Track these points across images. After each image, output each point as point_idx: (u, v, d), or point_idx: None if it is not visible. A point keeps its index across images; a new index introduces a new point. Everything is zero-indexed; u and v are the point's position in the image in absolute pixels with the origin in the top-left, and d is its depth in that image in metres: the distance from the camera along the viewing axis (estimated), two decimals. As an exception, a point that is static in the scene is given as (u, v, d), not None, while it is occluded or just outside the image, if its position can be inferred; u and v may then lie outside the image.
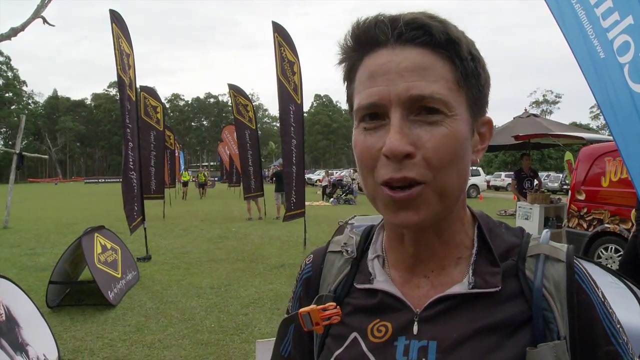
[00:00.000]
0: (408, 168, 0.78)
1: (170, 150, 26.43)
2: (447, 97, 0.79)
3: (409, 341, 0.86)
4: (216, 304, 7.29)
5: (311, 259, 1.08)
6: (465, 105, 0.83)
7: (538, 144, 14.59)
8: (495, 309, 0.84)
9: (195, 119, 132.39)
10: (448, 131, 0.79)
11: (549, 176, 39.69)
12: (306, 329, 0.90)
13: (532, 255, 0.88)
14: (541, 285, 0.84)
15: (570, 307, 0.81)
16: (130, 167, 9.55)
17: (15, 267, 9.67)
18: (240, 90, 17.05)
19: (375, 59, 0.82)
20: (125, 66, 9.49)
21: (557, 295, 0.83)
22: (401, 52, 0.80)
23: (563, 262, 0.86)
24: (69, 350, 5.44)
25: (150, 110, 16.51)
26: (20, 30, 18.36)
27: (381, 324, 0.89)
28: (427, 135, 0.78)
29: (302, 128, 11.11)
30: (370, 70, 0.82)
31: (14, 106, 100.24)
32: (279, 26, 10.90)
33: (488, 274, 0.86)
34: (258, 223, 17.58)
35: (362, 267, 0.98)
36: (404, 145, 0.77)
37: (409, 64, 0.79)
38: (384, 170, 0.80)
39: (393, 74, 0.80)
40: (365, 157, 0.82)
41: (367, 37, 0.83)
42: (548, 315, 0.82)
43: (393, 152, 0.77)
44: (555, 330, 0.81)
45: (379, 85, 0.80)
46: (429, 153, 0.78)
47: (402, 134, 0.77)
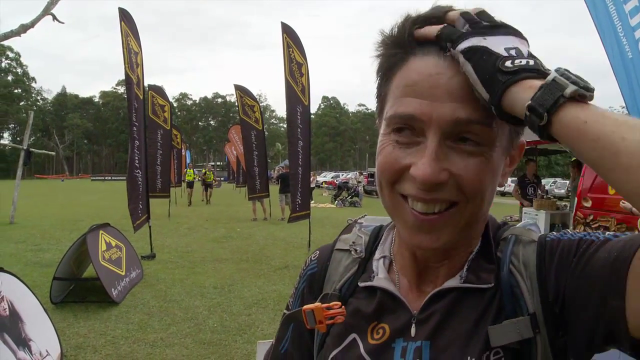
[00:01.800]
0: (438, 191, 0.75)
1: (177, 150, 26.50)
2: (493, 127, 0.75)
3: (406, 343, 0.85)
4: (219, 303, 7.28)
5: (317, 255, 1.06)
6: (507, 134, 0.80)
7: (545, 150, 14.53)
8: (484, 300, 0.83)
9: (203, 119, 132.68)
10: (485, 163, 0.76)
11: (556, 182, 39.56)
12: (309, 326, 0.89)
13: (504, 238, 0.88)
14: (508, 262, 0.83)
15: (541, 284, 0.79)
16: (136, 165, 9.57)
17: (20, 262, 9.70)
18: (247, 90, 17.07)
19: (422, 65, 0.76)
20: (134, 64, 9.51)
21: (525, 273, 0.82)
22: (453, 64, 0.74)
23: (535, 242, 0.84)
24: (71, 346, 5.45)
25: (157, 109, 16.54)
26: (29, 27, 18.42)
27: (380, 325, 0.89)
28: (462, 164, 0.75)
29: (308, 129, 11.10)
30: (414, 78, 0.76)
31: (22, 102, 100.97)
32: (287, 27, 10.90)
33: (482, 271, 0.85)
34: (263, 224, 17.58)
35: (368, 267, 0.96)
36: (438, 174, 0.73)
37: (460, 81, 0.73)
38: (407, 185, 0.77)
39: (441, 89, 0.74)
40: (389, 171, 0.79)
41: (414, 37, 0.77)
42: (517, 292, 0.81)
43: (425, 181, 0.73)
44: (524, 307, 0.80)
45: (421, 97, 0.74)
46: (464, 181, 0.75)
47: (437, 161, 0.73)
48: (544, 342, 0.78)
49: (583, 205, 9.04)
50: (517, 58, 0.69)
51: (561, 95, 0.63)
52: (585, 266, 0.75)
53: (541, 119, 0.64)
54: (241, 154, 21.96)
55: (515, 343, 0.77)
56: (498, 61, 0.69)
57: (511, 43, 0.71)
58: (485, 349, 0.79)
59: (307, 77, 10.95)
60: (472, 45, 0.71)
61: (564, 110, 0.63)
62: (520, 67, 0.68)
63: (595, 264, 0.74)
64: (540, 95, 0.64)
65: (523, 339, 0.77)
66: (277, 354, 1.03)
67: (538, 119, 0.64)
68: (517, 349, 0.78)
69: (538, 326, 0.78)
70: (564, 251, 0.79)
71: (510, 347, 0.78)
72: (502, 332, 0.78)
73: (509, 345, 0.78)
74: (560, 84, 0.64)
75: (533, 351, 0.78)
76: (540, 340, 0.78)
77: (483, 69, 0.69)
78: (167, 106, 17.17)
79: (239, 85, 16.81)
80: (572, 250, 0.78)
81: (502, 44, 0.71)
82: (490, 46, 0.71)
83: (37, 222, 16.76)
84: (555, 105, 0.63)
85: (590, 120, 0.61)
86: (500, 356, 0.78)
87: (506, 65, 0.68)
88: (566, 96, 0.63)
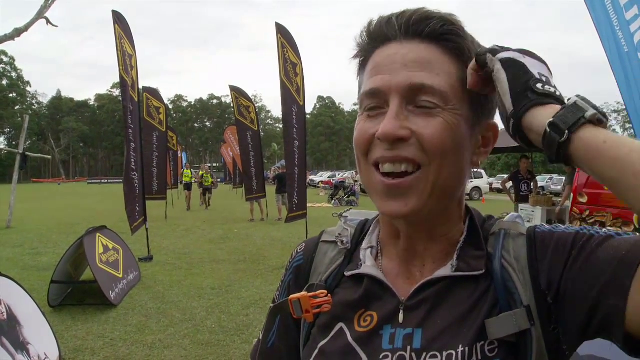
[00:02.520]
0: (401, 149, 0.80)
1: (173, 152, 26.44)
2: (447, 90, 0.81)
3: (394, 329, 0.86)
4: (217, 304, 7.29)
5: (303, 247, 1.08)
6: (467, 104, 0.84)
7: (541, 146, 14.58)
8: (477, 291, 0.85)
9: (198, 120, 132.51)
10: (445, 122, 0.80)
11: (552, 179, 39.61)
12: (295, 316, 0.90)
13: (493, 232, 0.90)
14: (500, 257, 0.85)
15: (533, 276, 0.82)
16: (132, 168, 9.57)
17: (17, 266, 9.69)
18: (242, 91, 17.05)
19: (384, 51, 0.85)
20: (128, 67, 9.51)
21: (517, 267, 0.84)
22: (408, 45, 0.84)
23: (524, 235, 0.87)
24: (70, 349, 5.45)
25: (153, 111, 16.51)
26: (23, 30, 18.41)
27: (367, 313, 0.90)
28: (423, 123, 0.80)
29: (304, 129, 11.10)
30: (377, 61, 0.86)
31: (17, 106, 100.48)
32: (282, 27, 10.90)
33: (472, 258, 0.87)
34: (260, 224, 17.59)
35: (354, 257, 0.98)
36: (397, 129, 0.79)
37: (414, 56, 0.82)
38: (376, 150, 0.83)
39: (397, 64, 0.82)
40: (360, 141, 0.85)
41: (379, 32, 0.86)
42: (510, 286, 0.83)
43: (385, 135, 0.79)
44: (518, 300, 0.82)
45: (382, 73, 0.83)
46: (424, 138, 0.79)
47: (397, 119, 0.79)
48: (538, 335, 0.80)
49: (579, 201, 9.09)
50: (546, 84, 0.76)
51: (582, 117, 0.69)
52: (588, 260, 0.77)
53: (562, 136, 0.69)
54: (237, 155, 21.92)
55: (512, 336, 0.79)
56: (531, 80, 0.76)
57: (544, 70, 0.79)
58: (479, 339, 0.80)
59: (302, 77, 10.95)
60: (512, 57, 0.79)
61: (584, 129, 0.68)
62: (550, 92, 0.74)
63: (599, 259, 0.76)
64: (563, 114, 0.70)
65: (520, 330, 0.79)
66: (264, 349, 1.03)
67: (558, 136, 0.69)
68: (514, 342, 0.80)
69: (533, 318, 0.80)
70: (559, 243, 0.82)
71: (506, 340, 0.80)
72: (499, 325, 0.80)
73: (506, 338, 0.80)
74: (581, 107, 0.70)
75: (529, 344, 0.79)
76: (535, 332, 0.80)
77: (516, 83, 0.76)
78: (163, 108, 17.15)
79: (235, 86, 16.79)
80: (568, 242, 0.81)
81: (536, 67, 0.78)
82: (528, 65, 0.78)
83: (34, 226, 16.73)
84: (577, 124, 0.69)
85: (609, 140, 0.67)
86: (494, 347, 0.80)
87: (537, 87, 0.75)
88: (587, 117, 0.69)
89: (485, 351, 0.80)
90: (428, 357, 0.82)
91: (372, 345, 0.87)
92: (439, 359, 0.81)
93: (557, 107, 0.72)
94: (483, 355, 0.80)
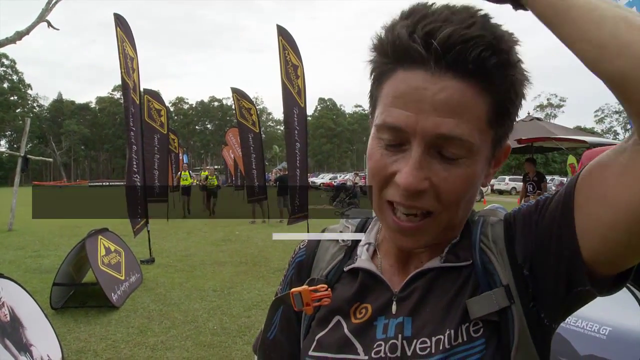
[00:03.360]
0: (418, 200, 0.80)
1: (174, 154, 26.43)
2: (474, 140, 0.78)
3: (388, 320, 0.89)
4: (219, 306, 7.30)
5: (305, 243, 1.11)
6: (490, 144, 0.83)
7: (541, 147, 14.58)
8: (460, 277, 0.88)
9: (200, 123, 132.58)
10: (466, 174, 0.79)
11: (553, 180, 39.65)
12: (296, 308, 0.93)
13: (473, 221, 0.93)
14: (478, 241, 0.88)
15: (510, 254, 0.84)
16: (134, 170, 9.60)
17: (19, 269, 9.71)
18: (244, 93, 17.09)
19: (411, 78, 0.77)
20: (130, 70, 9.54)
21: (495, 249, 0.86)
22: (439, 80, 0.75)
23: (502, 220, 0.90)
24: (72, 351, 5.46)
25: (154, 113, 16.54)
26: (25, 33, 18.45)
27: (362, 306, 0.93)
28: (444, 174, 0.79)
29: (305, 131, 11.13)
30: (402, 90, 0.78)
31: (19, 109, 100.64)
32: (283, 29, 10.93)
33: (461, 250, 0.90)
34: (261, 226, 17.59)
35: (353, 253, 1.01)
36: (419, 183, 0.77)
37: (446, 97, 0.75)
38: (392, 191, 0.82)
39: (426, 103, 0.75)
40: (378, 176, 0.83)
41: (404, 52, 0.77)
42: (489, 268, 0.85)
43: (407, 189, 0.78)
44: (498, 280, 0.84)
45: (408, 110, 0.77)
46: (442, 191, 0.79)
47: (420, 170, 0.77)
48: (519, 314, 0.82)
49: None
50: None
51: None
52: (543, 217, 0.81)
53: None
54: (239, 157, 21.92)
55: (494, 314, 0.82)
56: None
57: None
58: (463, 321, 0.83)
59: (303, 79, 10.98)
60: None
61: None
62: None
63: (549, 210, 0.80)
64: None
65: (500, 308, 0.81)
66: (266, 341, 1.06)
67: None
68: (496, 321, 0.82)
69: (512, 296, 0.82)
70: (526, 215, 0.85)
71: (489, 319, 0.82)
72: (479, 304, 0.82)
73: (488, 318, 0.82)
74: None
75: (510, 322, 0.82)
76: (515, 311, 0.82)
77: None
78: (164, 110, 17.17)
79: (236, 88, 16.81)
80: (532, 211, 0.84)
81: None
82: None
83: (35, 228, 16.74)
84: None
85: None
86: (479, 327, 0.82)
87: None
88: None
89: (470, 332, 0.82)
90: (418, 343, 0.84)
91: (366, 335, 0.89)
92: (428, 344, 0.83)
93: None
94: (468, 336, 0.82)
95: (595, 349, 2.62)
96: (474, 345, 0.81)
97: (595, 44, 0.65)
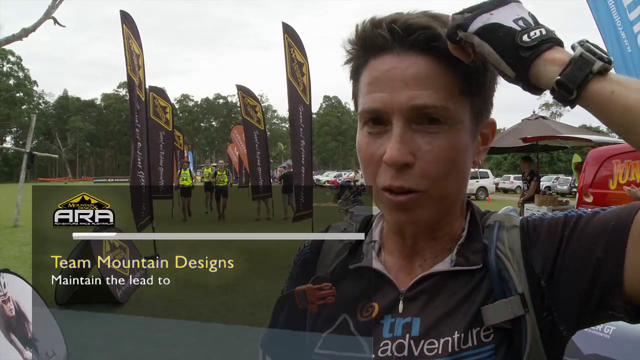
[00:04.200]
0: (405, 178, 0.81)
1: (180, 151, 26.42)
2: (450, 107, 0.80)
3: (394, 319, 0.89)
4: (223, 303, 7.31)
5: (310, 241, 1.11)
6: (469, 114, 0.85)
7: (546, 146, 14.53)
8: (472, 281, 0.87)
9: (205, 120, 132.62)
10: (448, 143, 0.81)
11: (558, 179, 39.52)
12: (301, 306, 0.94)
13: (488, 225, 0.92)
14: (495, 247, 0.87)
15: (526, 263, 0.84)
16: (139, 167, 9.62)
17: (25, 264, 9.73)
18: (249, 91, 17.10)
19: (380, 63, 0.83)
20: (135, 67, 9.56)
21: (512, 257, 0.86)
22: (406, 58, 0.81)
23: (517, 227, 0.89)
24: (77, 346, 5.48)
25: (159, 110, 16.55)
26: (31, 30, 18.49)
27: (369, 304, 0.93)
28: (427, 147, 0.80)
29: (310, 129, 11.14)
30: (375, 75, 0.83)
31: (24, 106, 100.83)
32: (288, 27, 10.94)
33: (471, 253, 0.89)
34: (266, 223, 17.58)
35: (358, 251, 1.01)
36: (403, 155, 0.79)
37: (413, 72, 0.80)
38: (383, 176, 0.83)
39: (397, 81, 0.80)
40: (368, 163, 0.85)
41: (372, 41, 0.83)
42: (505, 275, 0.85)
43: (392, 162, 0.79)
44: (513, 288, 0.84)
45: (382, 91, 0.81)
46: (427, 164, 0.80)
47: (402, 144, 0.79)
48: (532, 322, 0.82)
49: (584, 201, 9.04)
50: (530, 29, 0.73)
51: (590, 72, 0.68)
52: (580, 237, 0.80)
53: (571, 94, 0.69)
54: (244, 155, 21.93)
55: (507, 322, 0.82)
56: (516, 37, 0.73)
57: (515, 13, 0.75)
58: (474, 326, 0.83)
59: (308, 76, 10.99)
60: (484, 24, 0.75)
61: (592, 83, 0.68)
62: (537, 39, 0.72)
63: (591, 234, 0.79)
64: (570, 72, 0.69)
65: (515, 316, 0.82)
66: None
67: (568, 94, 0.70)
68: (509, 329, 0.82)
69: (527, 305, 0.82)
70: (551, 226, 0.85)
71: (501, 326, 0.82)
72: (495, 311, 0.82)
73: (501, 325, 0.82)
74: (587, 59, 0.69)
75: (523, 330, 0.82)
76: (529, 319, 0.82)
77: (503, 48, 0.73)
78: (169, 107, 17.17)
79: (241, 85, 16.85)
80: (559, 224, 0.84)
81: (508, 15, 0.75)
82: (500, 21, 0.74)
83: (41, 224, 16.76)
84: (585, 81, 0.68)
85: (616, 90, 0.68)
86: (490, 332, 0.83)
87: (524, 40, 0.72)
88: (594, 72, 0.68)
89: (481, 336, 0.83)
90: (426, 344, 0.85)
91: (372, 334, 0.90)
92: (436, 345, 0.84)
93: (554, 54, 0.71)
94: (478, 340, 0.82)
95: (599, 348, 2.62)
96: (483, 351, 0.82)
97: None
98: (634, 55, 3.69)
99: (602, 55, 0.69)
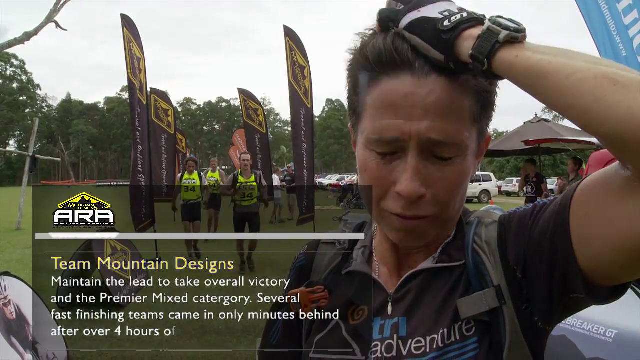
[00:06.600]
0: (419, 208, 0.82)
1: (182, 154, 26.45)
2: (464, 139, 0.81)
3: (384, 321, 0.91)
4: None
5: (305, 249, 1.14)
6: (476, 138, 0.85)
7: (549, 149, 14.51)
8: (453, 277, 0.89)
9: (207, 123, 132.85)
10: (458, 170, 0.82)
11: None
12: (294, 310, 0.98)
13: (468, 222, 0.93)
14: (472, 242, 0.88)
15: (502, 256, 0.85)
16: (139, 170, 9.65)
17: (27, 267, 9.72)
18: (251, 94, 17.09)
19: (397, 85, 0.79)
20: (136, 70, 9.59)
21: (488, 250, 0.87)
22: (426, 82, 0.78)
23: (496, 222, 0.90)
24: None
25: (161, 113, 16.54)
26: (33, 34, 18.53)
27: (360, 308, 0.95)
28: (439, 175, 0.81)
29: (312, 132, 11.15)
30: (392, 99, 0.80)
31: (28, 109, 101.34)
32: (290, 30, 10.96)
33: (454, 250, 0.91)
34: (267, 226, 17.57)
35: (350, 257, 1.02)
36: (419, 189, 0.80)
37: (434, 100, 0.78)
38: (393, 204, 0.83)
39: (417, 109, 0.78)
40: (377, 188, 0.85)
41: (389, 56, 0.80)
42: (482, 268, 0.86)
43: (408, 196, 0.80)
44: (489, 281, 0.85)
45: (400, 118, 0.79)
46: (439, 192, 0.82)
47: (418, 176, 0.79)
48: (510, 314, 0.83)
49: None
50: (452, 15, 0.76)
51: (496, 41, 0.70)
52: (538, 222, 0.81)
53: (483, 65, 0.72)
54: (246, 158, 21.91)
55: (485, 315, 0.83)
56: (437, 24, 0.76)
57: (442, 7, 0.78)
58: (456, 321, 0.84)
59: (309, 79, 11.01)
60: (411, 19, 0.78)
61: (500, 52, 0.71)
62: (457, 22, 0.75)
63: (546, 215, 0.80)
64: (479, 44, 0.72)
65: (490, 308, 0.83)
66: (269, 345, 1.12)
67: (480, 65, 0.72)
68: (488, 321, 0.83)
69: (503, 297, 0.83)
70: (521, 218, 0.85)
71: (480, 319, 0.83)
72: (470, 304, 0.84)
73: (479, 317, 0.83)
74: (493, 31, 0.71)
75: (501, 322, 0.83)
76: (507, 311, 0.83)
77: (429, 36, 0.76)
78: (171, 110, 17.16)
79: (243, 89, 16.82)
80: (527, 215, 0.84)
81: (435, 10, 0.78)
82: (426, 15, 0.77)
83: (43, 227, 16.79)
84: (492, 50, 0.70)
85: (520, 54, 0.70)
86: (471, 326, 0.84)
87: (445, 25, 0.75)
88: (500, 41, 0.70)
89: (463, 331, 0.84)
90: (413, 343, 0.86)
91: (363, 336, 0.92)
92: (423, 343, 0.85)
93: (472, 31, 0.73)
94: (461, 334, 0.84)
95: (601, 352, 2.61)
96: (467, 344, 0.83)
97: (580, 110, 0.65)
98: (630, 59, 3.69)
99: (509, 25, 0.71)
